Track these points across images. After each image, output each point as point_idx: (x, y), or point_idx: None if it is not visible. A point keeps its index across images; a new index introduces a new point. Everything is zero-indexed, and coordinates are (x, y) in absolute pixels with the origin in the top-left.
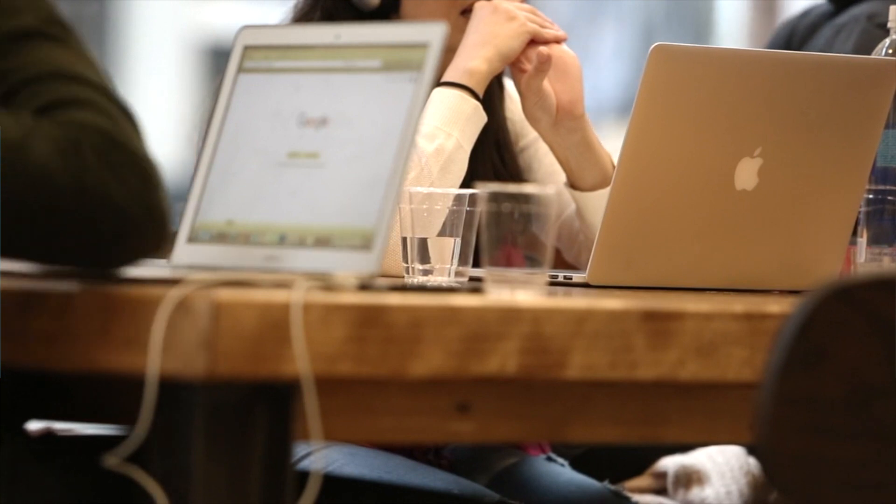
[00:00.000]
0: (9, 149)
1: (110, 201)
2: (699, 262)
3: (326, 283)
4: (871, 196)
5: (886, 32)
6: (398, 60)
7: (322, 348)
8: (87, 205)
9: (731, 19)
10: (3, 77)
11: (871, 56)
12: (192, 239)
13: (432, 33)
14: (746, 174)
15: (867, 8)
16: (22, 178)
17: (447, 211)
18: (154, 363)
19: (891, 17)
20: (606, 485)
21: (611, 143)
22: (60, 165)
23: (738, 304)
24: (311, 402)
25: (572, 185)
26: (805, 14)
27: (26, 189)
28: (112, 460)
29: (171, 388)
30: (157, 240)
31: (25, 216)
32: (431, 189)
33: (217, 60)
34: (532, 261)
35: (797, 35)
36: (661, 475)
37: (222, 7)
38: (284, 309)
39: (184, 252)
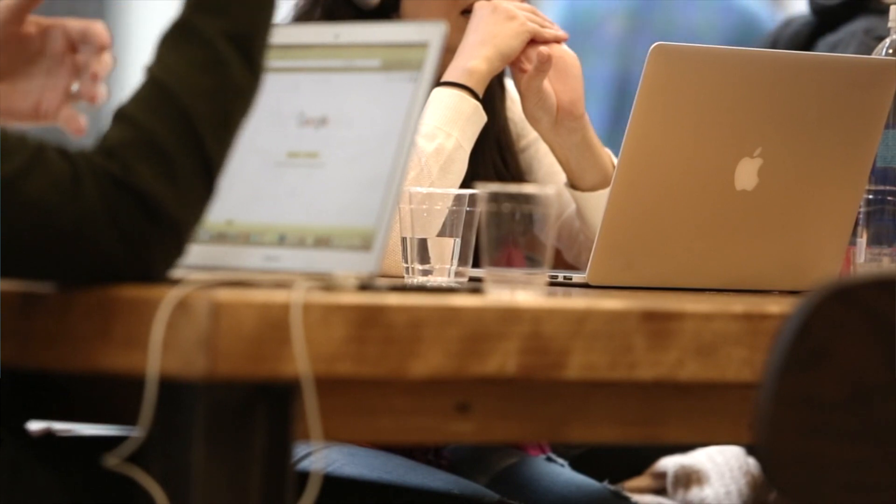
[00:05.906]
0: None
1: (101, 251)
2: (699, 262)
3: (326, 283)
4: (871, 196)
5: None
6: (398, 60)
7: (322, 348)
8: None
9: None
10: None
11: (872, 56)
12: (192, 239)
13: (432, 33)
14: (746, 174)
15: (863, 23)
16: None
17: (447, 211)
18: (154, 363)
19: (891, 16)
20: (606, 485)
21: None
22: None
23: (738, 304)
24: (311, 403)
25: (572, 185)
26: (787, 24)
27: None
28: (112, 460)
29: (171, 388)
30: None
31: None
32: (431, 189)
33: None
34: (532, 261)
35: (780, 44)
36: (661, 475)
37: None
38: (284, 309)
39: None
